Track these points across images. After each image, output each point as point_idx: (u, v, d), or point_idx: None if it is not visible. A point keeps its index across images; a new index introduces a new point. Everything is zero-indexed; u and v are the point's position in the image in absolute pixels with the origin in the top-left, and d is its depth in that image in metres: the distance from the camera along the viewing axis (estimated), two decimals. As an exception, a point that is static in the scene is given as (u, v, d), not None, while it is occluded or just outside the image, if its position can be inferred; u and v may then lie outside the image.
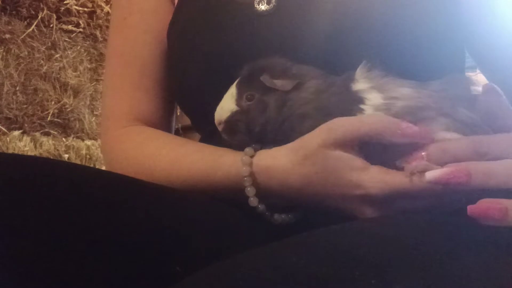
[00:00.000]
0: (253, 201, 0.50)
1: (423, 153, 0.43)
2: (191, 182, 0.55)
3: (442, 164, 0.41)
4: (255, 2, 0.59)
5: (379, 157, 0.46)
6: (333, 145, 0.45)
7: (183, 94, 0.67)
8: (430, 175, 0.40)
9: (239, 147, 0.52)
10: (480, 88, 0.46)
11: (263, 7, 0.58)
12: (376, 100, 0.47)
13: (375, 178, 0.43)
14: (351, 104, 0.48)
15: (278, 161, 0.48)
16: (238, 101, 0.51)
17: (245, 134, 0.51)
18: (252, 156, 0.50)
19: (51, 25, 2.16)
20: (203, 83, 0.61)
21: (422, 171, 0.41)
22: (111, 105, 0.69)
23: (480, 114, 0.44)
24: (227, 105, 0.52)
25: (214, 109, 0.53)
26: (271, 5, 0.58)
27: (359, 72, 0.49)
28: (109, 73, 0.71)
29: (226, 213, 0.54)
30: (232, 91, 0.52)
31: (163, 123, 0.70)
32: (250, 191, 0.50)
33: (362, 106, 0.47)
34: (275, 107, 0.50)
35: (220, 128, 0.52)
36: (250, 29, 0.58)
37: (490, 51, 0.63)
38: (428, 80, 0.49)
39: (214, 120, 0.54)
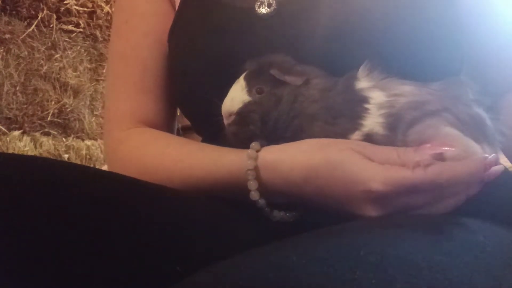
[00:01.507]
0: (254, 195, 0.50)
1: (428, 145, 0.43)
2: (194, 181, 0.55)
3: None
4: (255, 5, 0.59)
5: None
6: (359, 152, 0.45)
7: (184, 97, 0.67)
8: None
9: (242, 147, 0.52)
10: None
11: (263, 10, 0.58)
12: (380, 99, 0.48)
13: (378, 174, 0.43)
14: (356, 104, 0.48)
15: (285, 154, 0.49)
16: (249, 93, 0.51)
17: (257, 126, 0.51)
18: (258, 151, 0.50)
19: (51, 25, 2.16)
20: (203, 86, 0.62)
21: (426, 165, 0.41)
22: (113, 108, 0.69)
23: None
24: (239, 96, 0.52)
25: (215, 111, 0.53)
26: (272, 8, 0.58)
27: (361, 72, 0.50)
28: (111, 75, 0.72)
29: (227, 213, 0.54)
30: (241, 83, 0.52)
31: (165, 124, 0.70)
32: (252, 184, 0.50)
33: (366, 106, 0.48)
34: (287, 101, 0.50)
35: (230, 120, 0.52)
36: (251, 33, 0.59)
37: (489, 56, 0.63)
38: (427, 82, 0.49)
39: (215, 122, 0.54)
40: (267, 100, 0.51)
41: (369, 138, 0.48)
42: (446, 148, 0.42)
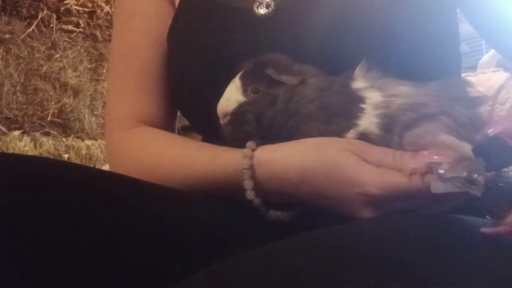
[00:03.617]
0: (250, 194, 0.50)
1: (425, 152, 0.43)
2: (192, 180, 0.55)
3: None
4: (254, 6, 0.59)
5: None
6: (353, 153, 0.45)
7: (182, 97, 0.67)
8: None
9: (239, 146, 0.52)
10: (479, 89, 0.47)
11: (262, 11, 0.59)
12: (376, 99, 0.48)
13: (374, 177, 0.43)
14: (352, 104, 0.48)
15: (280, 153, 0.49)
16: (244, 93, 0.52)
17: (252, 126, 0.51)
18: (253, 150, 0.51)
19: (51, 25, 2.16)
20: (202, 86, 0.62)
21: (422, 173, 0.41)
22: (114, 108, 0.70)
23: None
24: (234, 96, 0.52)
25: (212, 111, 0.53)
26: (270, 9, 0.58)
27: (358, 71, 0.50)
28: (112, 76, 0.72)
29: (226, 213, 0.54)
30: (237, 83, 0.52)
31: (166, 124, 0.70)
32: (248, 184, 0.50)
33: (362, 106, 0.48)
34: (283, 101, 0.50)
35: (225, 120, 0.52)
36: (250, 33, 0.59)
37: (489, 15, 0.64)
38: (425, 81, 0.49)
39: (213, 122, 0.54)
40: (262, 100, 0.51)
41: (364, 137, 0.48)
42: (442, 157, 0.42)
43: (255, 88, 0.51)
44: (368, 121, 0.47)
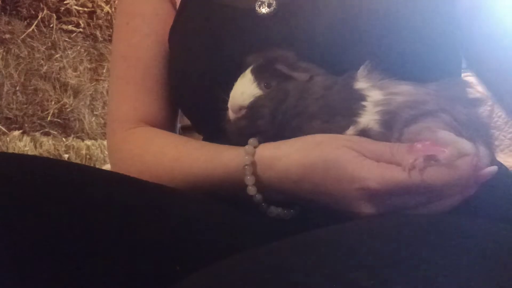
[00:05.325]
0: (251, 190, 0.51)
1: (419, 145, 0.43)
2: (193, 178, 0.55)
3: None
4: (256, 5, 0.59)
5: None
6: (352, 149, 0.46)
7: (184, 96, 0.68)
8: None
9: (242, 143, 0.52)
10: (479, 89, 0.47)
11: (264, 10, 0.59)
12: (377, 97, 0.49)
13: (374, 172, 0.43)
14: (353, 102, 0.49)
15: (281, 151, 0.49)
16: (259, 86, 0.51)
17: (267, 120, 0.50)
18: (255, 147, 0.51)
19: (51, 25, 2.16)
20: (203, 86, 0.62)
21: (421, 168, 0.42)
22: (116, 108, 0.70)
23: None
24: (249, 90, 0.51)
25: (214, 111, 0.54)
26: (272, 8, 0.58)
27: (361, 72, 0.51)
28: (113, 76, 0.72)
29: (226, 213, 0.54)
30: (249, 77, 0.52)
31: (167, 124, 0.71)
32: (249, 180, 0.50)
33: (363, 103, 0.48)
34: (294, 96, 0.50)
35: (239, 114, 0.51)
36: (251, 33, 0.59)
37: (487, 54, 0.63)
38: (426, 82, 0.50)
39: (213, 122, 0.54)
40: (276, 95, 0.50)
41: (364, 134, 0.48)
42: (438, 149, 0.42)
43: (266, 82, 0.51)
44: (368, 118, 0.48)
